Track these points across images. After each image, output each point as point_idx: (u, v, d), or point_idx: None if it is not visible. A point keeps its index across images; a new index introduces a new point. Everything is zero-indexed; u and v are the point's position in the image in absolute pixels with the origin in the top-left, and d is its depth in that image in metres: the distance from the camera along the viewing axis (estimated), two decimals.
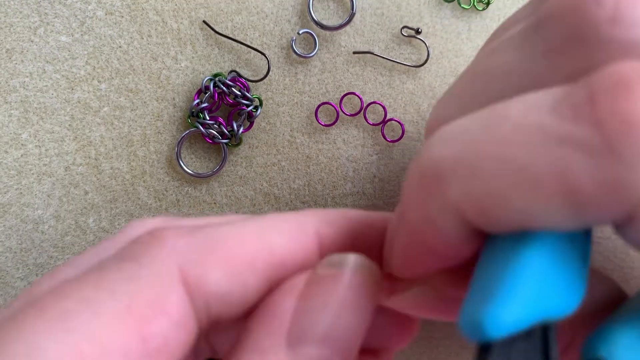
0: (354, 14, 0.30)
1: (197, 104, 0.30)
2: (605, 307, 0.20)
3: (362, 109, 0.31)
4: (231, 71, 0.31)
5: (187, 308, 0.18)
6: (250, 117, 0.31)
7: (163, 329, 0.17)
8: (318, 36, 0.31)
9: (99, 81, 0.31)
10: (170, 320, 0.17)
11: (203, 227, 0.19)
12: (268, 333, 0.18)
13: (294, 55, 0.31)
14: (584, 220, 0.14)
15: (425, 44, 0.31)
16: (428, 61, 0.31)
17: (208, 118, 0.31)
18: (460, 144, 0.16)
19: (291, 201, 0.32)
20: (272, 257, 0.19)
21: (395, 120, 0.31)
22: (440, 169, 0.16)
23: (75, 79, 0.30)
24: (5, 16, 0.30)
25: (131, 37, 0.30)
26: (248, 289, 0.18)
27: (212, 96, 0.30)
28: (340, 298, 0.17)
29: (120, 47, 0.30)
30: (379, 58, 0.31)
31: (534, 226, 0.15)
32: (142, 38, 0.30)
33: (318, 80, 0.31)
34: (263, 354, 0.17)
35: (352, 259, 0.18)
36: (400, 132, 0.31)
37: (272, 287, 0.19)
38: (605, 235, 0.31)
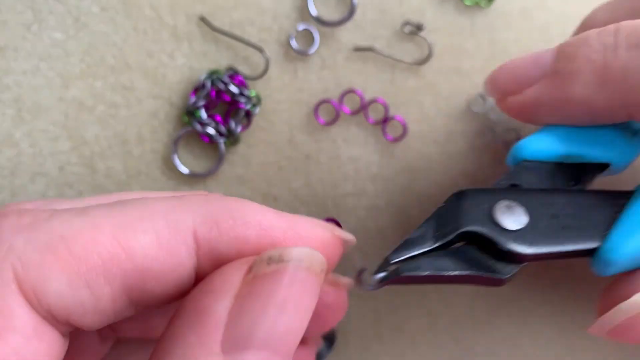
0: (355, 9, 0.30)
1: (194, 102, 0.30)
2: None
3: (363, 107, 0.31)
4: (229, 68, 0.30)
5: (37, 318, 0.16)
6: (248, 115, 0.30)
7: (14, 347, 0.15)
8: (318, 32, 0.30)
9: (93, 79, 0.30)
10: (21, 335, 0.15)
11: (54, 216, 0.17)
12: (200, 342, 0.15)
13: (293, 52, 0.30)
14: None
15: (427, 41, 0.30)
16: (430, 58, 0.31)
17: (205, 116, 0.30)
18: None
19: (290, 201, 0.31)
20: (131, 263, 0.16)
21: (397, 119, 0.31)
22: (629, 75, 0.20)
23: (69, 76, 0.30)
24: None
25: (126, 34, 0.30)
26: (102, 299, 0.16)
27: (209, 94, 0.30)
28: (282, 298, 0.16)
29: (115, 44, 0.30)
30: (380, 55, 0.31)
31: None
32: (138, 35, 0.30)
33: (318, 77, 0.31)
34: None
35: (295, 253, 0.17)
36: (402, 130, 0.31)
37: (136, 296, 0.17)
38: None
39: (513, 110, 0.24)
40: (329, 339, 0.31)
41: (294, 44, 0.30)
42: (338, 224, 0.21)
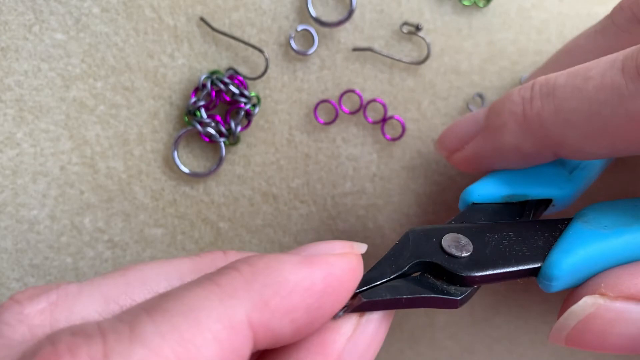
0: (354, 10, 0.30)
1: (194, 102, 0.30)
2: None
3: (362, 107, 0.31)
4: (229, 69, 0.30)
5: None
6: (248, 115, 0.30)
7: None
8: (317, 33, 0.30)
9: (94, 79, 0.30)
10: None
11: (109, 356, 0.16)
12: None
13: (293, 52, 0.31)
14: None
15: (426, 41, 0.31)
16: (429, 58, 0.31)
17: (205, 116, 0.30)
18: (558, 101, 0.22)
19: (290, 200, 0.31)
20: None
21: (396, 118, 0.31)
22: (543, 119, 0.22)
23: (70, 77, 0.30)
24: None
25: (127, 35, 0.30)
26: None
27: (209, 94, 0.30)
28: (382, 337, 0.21)
29: (116, 44, 0.30)
30: (378, 55, 0.31)
31: (611, 156, 0.22)
32: (138, 35, 0.30)
33: (317, 77, 0.31)
34: None
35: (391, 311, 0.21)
36: (401, 130, 0.31)
37: None
38: None
39: (459, 164, 0.27)
40: None
41: (293, 44, 0.30)
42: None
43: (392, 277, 0.21)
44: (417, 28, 0.30)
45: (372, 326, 0.21)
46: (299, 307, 0.19)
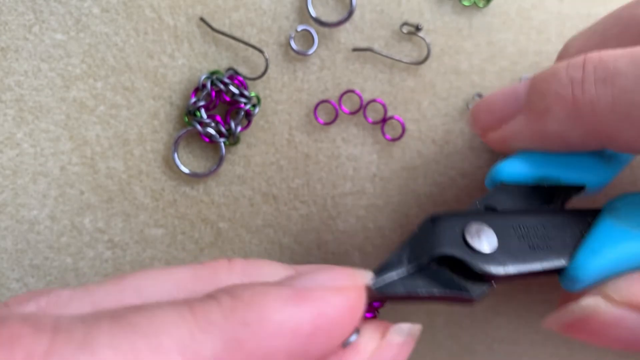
0: (354, 10, 0.30)
1: (194, 102, 0.30)
2: None
3: (362, 107, 0.31)
4: (229, 69, 0.30)
5: None
6: (248, 115, 0.30)
7: None
8: (317, 33, 0.30)
9: (94, 79, 0.30)
10: None
11: (50, 354, 0.15)
12: None
13: (293, 53, 0.31)
14: None
15: (426, 41, 0.31)
16: (429, 58, 0.31)
17: (205, 116, 0.30)
18: (617, 90, 0.19)
19: (290, 200, 0.31)
20: None
21: (396, 119, 0.31)
22: (597, 109, 0.20)
23: (70, 77, 0.30)
24: None
25: (127, 35, 0.30)
26: None
27: (209, 94, 0.30)
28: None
29: (116, 44, 0.30)
30: (378, 55, 0.31)
31: None
32: (138, 35, 0.30)
33: (317, 77, 0.31)
34: None
35: (416, 329, 0.21)
36: (401, 130, 0.31)
37: None
38: None
39: (494, 144, 0.25)
40: None
41: (293, 44, 0.30)
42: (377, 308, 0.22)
43: (409, 269, 0.20)
44: (417, 28, 0.30)
45: (394, 351, 0.20)
46: (279, 351, 0.16)
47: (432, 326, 0.32)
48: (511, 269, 0.20)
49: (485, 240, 0.20)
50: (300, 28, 0.30)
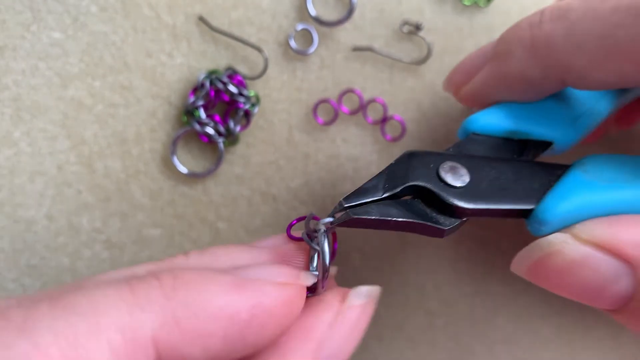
0: (353, 9, 0.30)
1: (193, 101, 0.30)
2: None
3: (362, 107, 0.31)
4: (228, 68, 0.30)
5: None
6: (247, 115, 0.30)
7: None
8: (317, 32, 0.30)
9: (92, 78, 0.30)
10: None
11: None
12: (297, 347, 0.19)
13: (292, 52, 0.30)
14: None
15: (426, 41, 0.30)
16: (429, 58, 0.31)
17: (204, 116, 0.30)
18: (569, 23, 0.21)
19: (289, 201, 0.31)
20: None
21: (396, 118, 0.31)
22: (552, 42, 0.21)
23: (68, 76, 0.30)
24: None
25: (125, 34, 0.30)
26: None
27: (208, 93, 0.30)
28: (363, 326, 0.20)
29: (114, 43, 0.30)
30: (379, 55, 0.31)
31: (618, 86, 0.21)
32: (137, 34, 0.30)
33: (316, 77, 0.31)
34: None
35: (375, 290, 0.21)
36: (401, 130, 0.31)
37: None
38: None
39: (467, 98, 0.26)
40: None
41: (292, 43, 0.30)
42: (316, 218, 0.22)
43: (383, 196, 0.21)
44: (418, 27, 0.30)
45: (355, 313, 0.20)
46: (216, 334, 0.17)
47: (432, 327, 0.32)
48: (480, 204, 0.21)
49: (457, 177, 0.22)
50: (299, 27, 0.30)
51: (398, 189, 0.21)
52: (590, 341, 0.32)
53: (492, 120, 0.24)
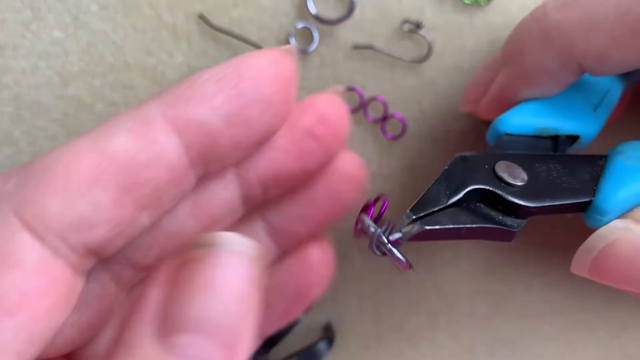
0: (354, 7, 0.30)
1: None
2: None
3: (362, 105, 0.31)
4: None
5: (43, 251, 0.16)
6: None
7: (13, 282, 0.15)
8: (317, 30, 0.30)
9: (92, 77, 0.30)
10: (24, 271, 0.16)
11: (39, 159, 0.18)
12: (134, 326, 0.16)
13: None
14: None
15: (427, 39, 0.30)
16: (430, 56, 0.30)
17: None
18: (580, 7, 0.20)
19: None
20: (116, 163, 0.17)
21: (396, 117, 0.31)
22: (565, 29, 0.21)
23: (68, 75, 0.30)
24: None
25: (125, 32, 0.30)
26: (103, 206, 0.17)
27: None
28: (211, 282, 0.16)
29: (114, 42, 0.30)
30: (379, 53, 0.31)
31: (637, 65, 0.20)
32: (137, 33, 0.30)
33: (317, 75, 0.31)
34: (130, 348, 0.15)
35: (225, 238, 0.16)
36: (401, 129, 0.31)
37: (136, 196, 0.18)
38: None
39: (487, 109, 0.26)
40: (328, 337, 0.31)
41: (293, 42, 0.30)
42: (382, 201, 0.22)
43: (448, 203, 0.20)
44: (418, 26, 0.30)
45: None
46: (217, 97, 0.19)
47: (433, 326, 0.32)
48: (544, 201, 0.21)
49: (516, 176, 0.21)
50: (300, 25, 0.30)
51: (461, 194, 0.20)
52: (590, 341, 0.32)
53: (523, 120, 0.24)
